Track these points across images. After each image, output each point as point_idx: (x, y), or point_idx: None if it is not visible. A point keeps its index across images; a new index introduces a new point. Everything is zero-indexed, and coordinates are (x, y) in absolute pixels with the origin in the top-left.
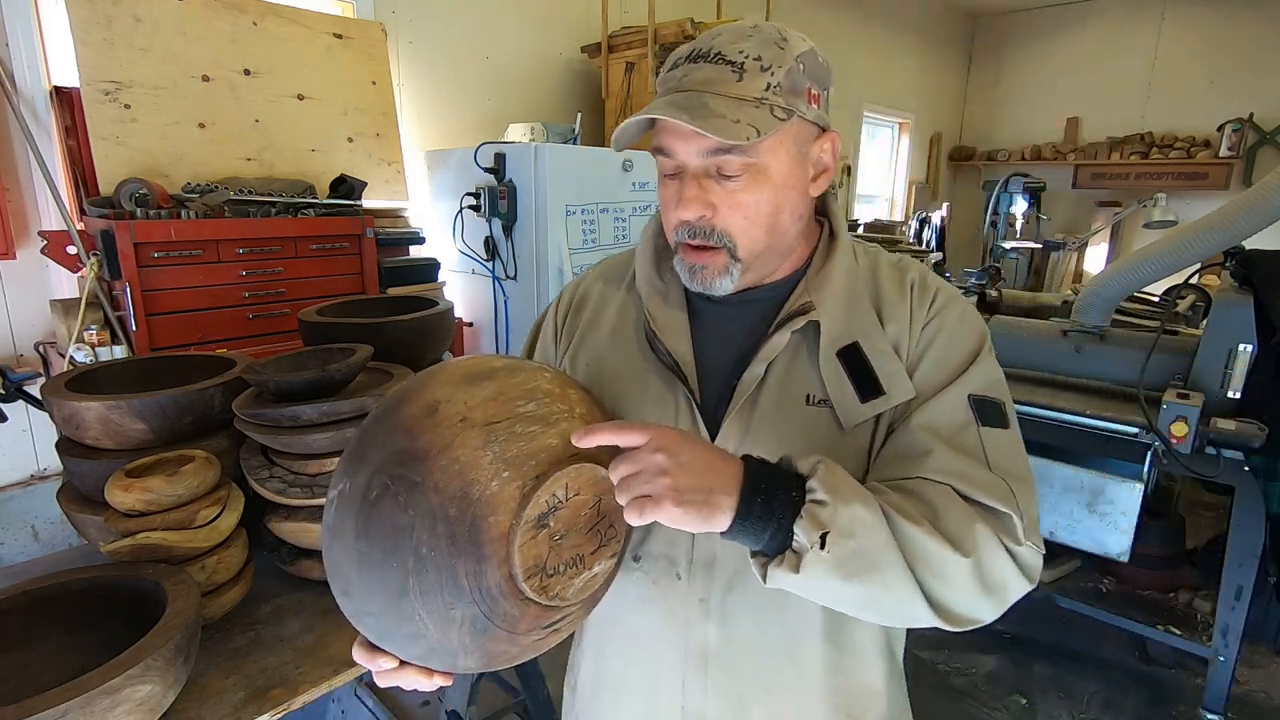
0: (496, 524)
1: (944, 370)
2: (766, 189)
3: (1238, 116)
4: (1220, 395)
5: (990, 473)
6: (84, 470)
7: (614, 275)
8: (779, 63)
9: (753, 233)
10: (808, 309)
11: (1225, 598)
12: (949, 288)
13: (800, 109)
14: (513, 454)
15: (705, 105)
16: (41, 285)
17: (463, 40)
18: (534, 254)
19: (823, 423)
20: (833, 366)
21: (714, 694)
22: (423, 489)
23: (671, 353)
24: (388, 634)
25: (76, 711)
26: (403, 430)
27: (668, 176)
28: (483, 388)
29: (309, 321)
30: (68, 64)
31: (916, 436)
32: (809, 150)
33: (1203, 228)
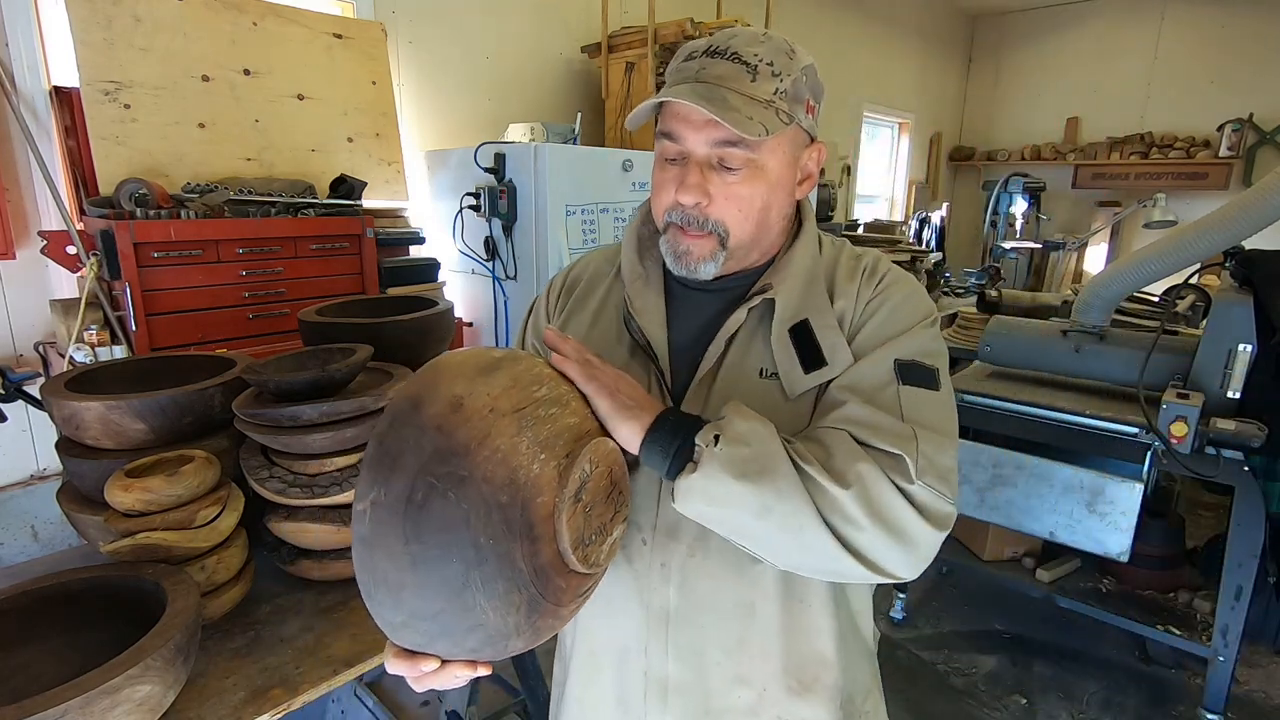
0: (544, 504)
1: (877, 339)
2: (761, 185)
3: (1238, 116)
4: (1220, 395)
5: (897, 421)
6: (84, 470)
7: (605, 261)
8: (787, 71)
9: (744, 225)
10: (765, 289)
11: (1225, 598)
12: (900, 272)
13: (799, 116)
14: (544, 436)
15: (724, 99)
16: (41, 285)
17: (463, 40)
18: (534, 254)
19: (771, 393)
20: (784, 342)
21: (674, 656)
22: (472, 481)
23: (645, 333)
24: (445, 631)
25: (76, 711)
26: (433, 430)
27: (668, 161)
28: (498, 378)
29: (309, 321)
30: (68, 64)
31: (833, 394)
32: (800, 156)
33: (1203, 228)
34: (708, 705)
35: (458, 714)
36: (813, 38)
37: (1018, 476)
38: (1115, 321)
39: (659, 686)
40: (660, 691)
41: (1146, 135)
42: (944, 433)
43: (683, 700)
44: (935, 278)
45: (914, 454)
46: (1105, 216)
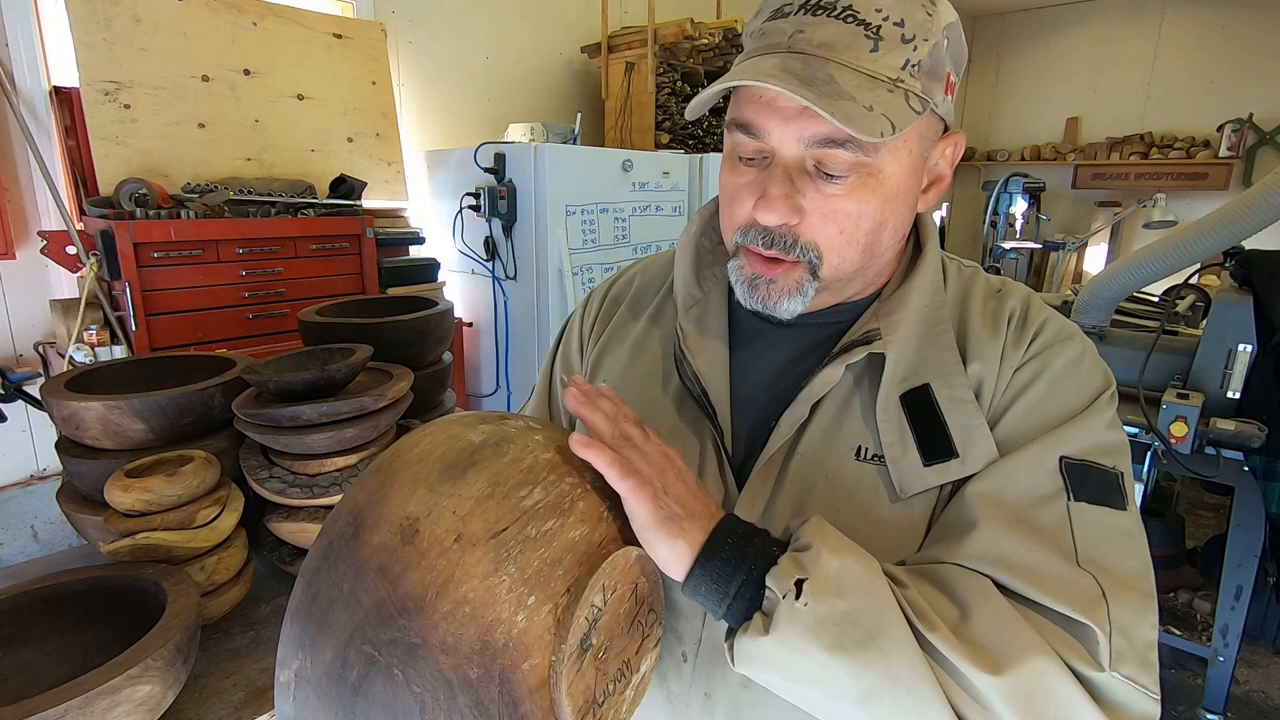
0: (533, 670)
1: (1034, 426)
2: (874, 199)
3: (1237, 117)
4: (1220, 395)
5: (1071, 565)
6: (83, 470)
7: (651, 277)
8: (924, 34)
9: (845, 251)
10: (872, 338)
11: (1225, 598)
12: (1062, 322)
13: (936, 100)
14: (534, 568)
15: (832, 79)
16: (41, 285)
17: (462, 40)
18: (534, 254)
19: (871, 485)
20: (894, 414)
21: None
22: (426, 651)
23: (701, 379)
24: None
25: (76, 711)
26: (375, 573)
27: (744, 160)
28: (470, 482)
29: (309, 321)
30: (68, 64)
31: (967, 506)
32: (930, 154)
33: (1203, 228)
34: None
35: None
36: None
37: None
38: (1115, 321)
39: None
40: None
41: (1146, 135)
42: (1142, 589)
43: None
44: None
45: (1105, 625)
46: (1105, 216)
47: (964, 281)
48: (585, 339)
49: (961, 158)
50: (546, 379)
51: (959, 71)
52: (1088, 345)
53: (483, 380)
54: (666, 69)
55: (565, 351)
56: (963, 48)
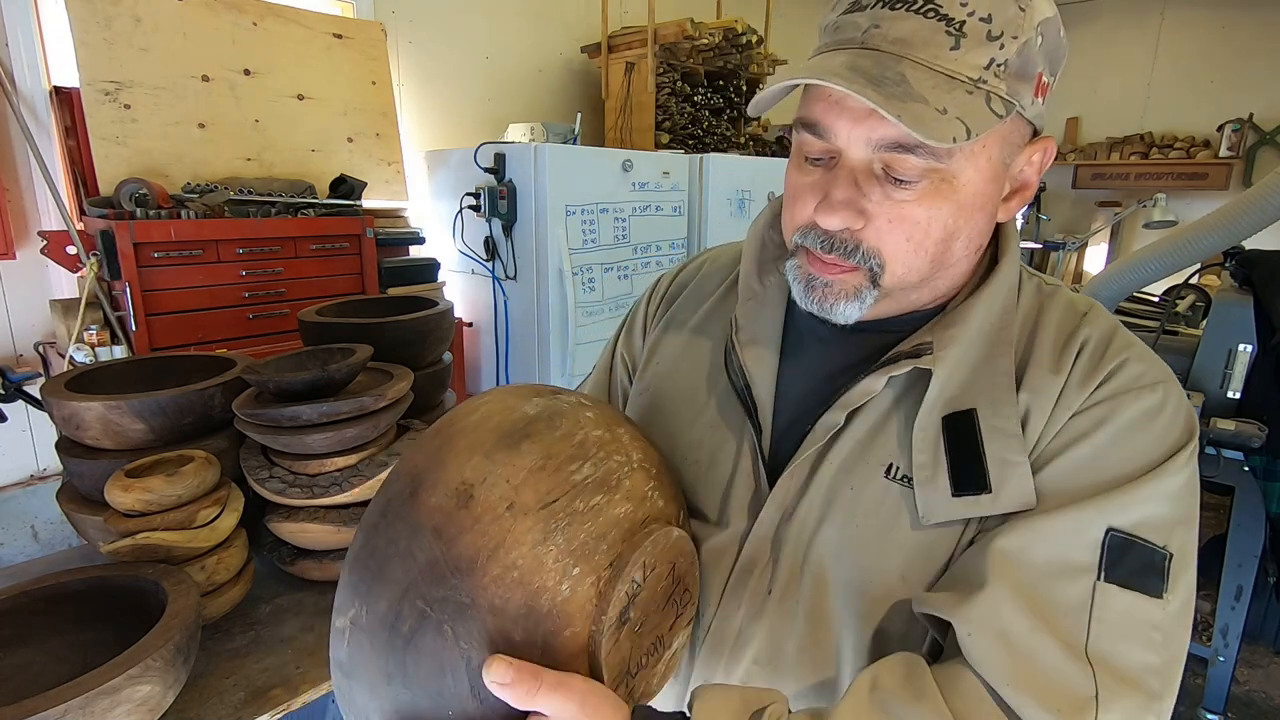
0: (573, 637)
1: (1083, 482)
2: (946, 206)
3: (1238, 116)
4: (1220, 395)
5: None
6: (84, 470)
7: (719, 266)
8: (1013, 31)
9: (911, 260)
10: (922, 351)
11: (1225, 598)
12: (1147, 362)
13: (1024, 103)
14: (580, 540)
15: (904, 79)
16: (41, 285)
17: (463, 40)
18: (534, 254)
19: (896, 506)
20: (932, 436)
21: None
22: (475, 611)
23: (746, 374)
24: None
25: (76, 711)
26: (430, 531)
27: (810, 160)
28: (524, 454)
29: (309, 321)
30: (68, 64)
31: (985, 559)
32: (1014, 160)
33: (1203, 228)
34: None
35: None
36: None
37: None
38: None
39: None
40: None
41: (1146, 135)
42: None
43: None
44: None
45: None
46: (1105, 216)
47: (1040, 299)
48: (648, 322)
49: None
50: (608, 359)
51: (1054, 71)
52: (1173, 392)
53: (483, 380)
54: (666, 69)
55: (629, 334)
56: (1061, 45)
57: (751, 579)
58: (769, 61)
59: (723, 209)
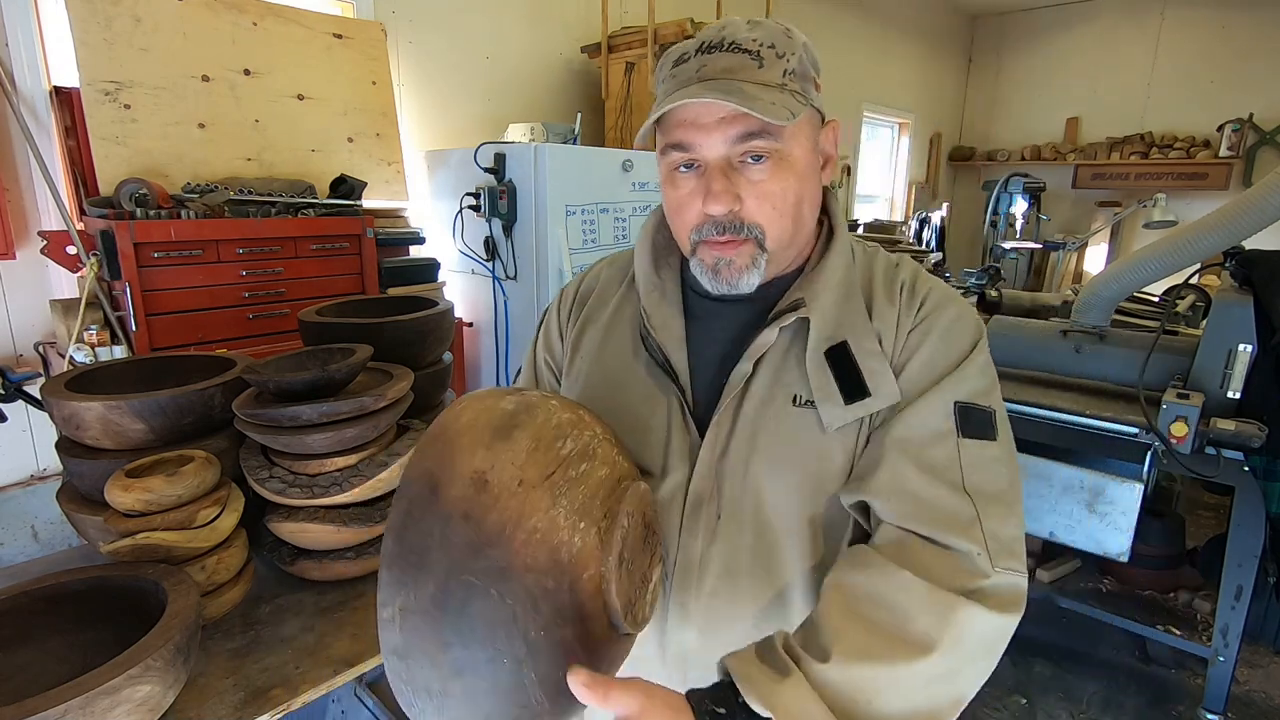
0: (591, 579)
1: (928, 376)
2: (791, 177)
3: (1238, 116)
4: (1220, 395)
5: (956, 493)
6: (84, 470)
7: (617, 269)
8: (790, 50)
9: (781, 223)
10: (798, 305)
11: (1225, 598)
12: (942, 289)
13: (811, 96)
14: (580, 500)
15: (740, 89)
16: (41, 285)
17: (463, 40)
18: (534, 254)
19: (806, 424)
20: (820, 366)
21: None
22: (514, 572)
23: (664, 350)
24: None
25: (76, 711)
26: (460, 518)
27: (679, 172)
28: (519, 441)
29: (309, 321)
30: (68, 64)
31: (879, 447)
32: (817, 138)
33: (1203, 228)
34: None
35: None
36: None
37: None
38: (1115, 321)
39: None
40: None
41: (1146, 135)
42: (1008, 500)
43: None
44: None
45: (980, 540)
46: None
47: (868, 258)
48: (563, 326)
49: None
50: (531, 366)
51: (819, 75)
52: (964, 306)
53: (482, 380)
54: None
55: (546, 340)
56: (816, 59)
57: (702, 511)
58: None
59: None
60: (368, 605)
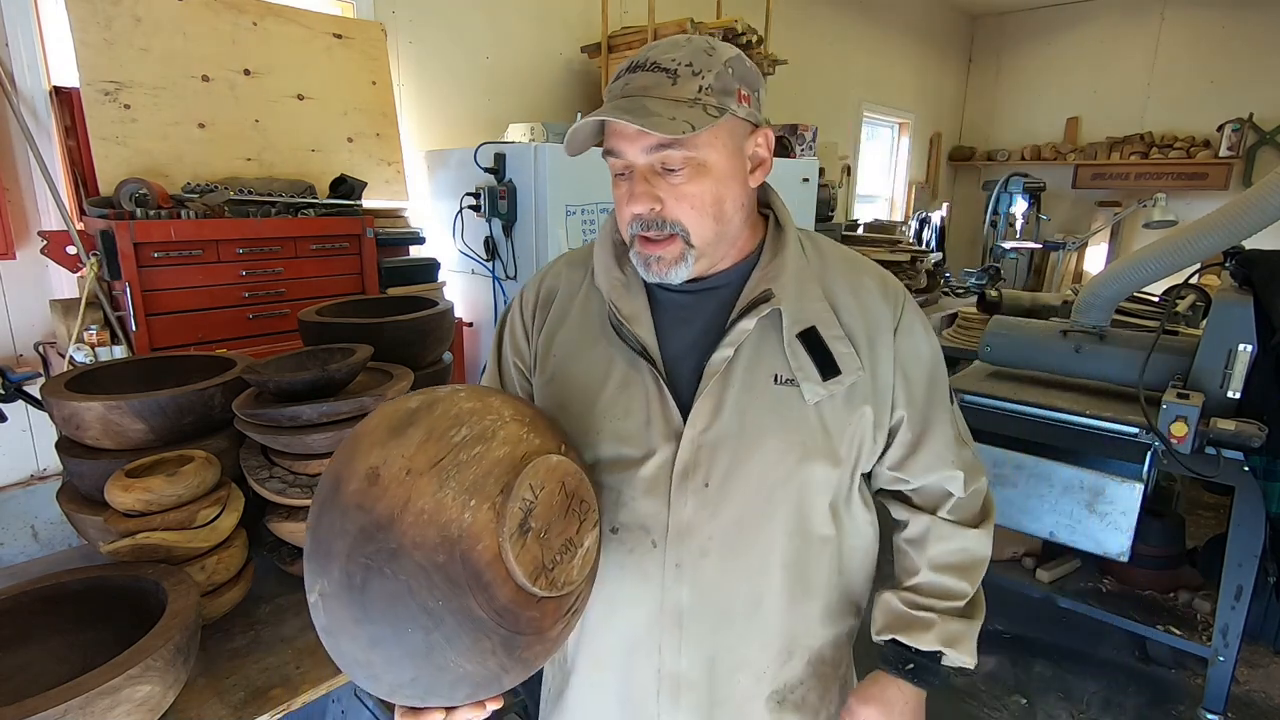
0: (485, 549)
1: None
2: (708, 180)
3: (1237, 116)
4: (1220, 395)
5: (969, 449)
6: (84, 470)
7: (575, 270)
8: (708, 67)
9: (702, 221)
10: (768, 297)
11: (1225, 598)
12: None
13: (731, 107)
14: (470, 480)
15: (644, 106)
16: (41, 285)
17: (463, 40)
18: (534, 254)
19: (790, 399)
20: (796, 349)
21: (687, 652)
22: (403, 551)
23: (639, 339)
24: (431, 690)
25: (76, 711)
26: (354, 509)
27: (618, 176)
28: (411, 435)
29: (309, 321)
30: (68, 64)
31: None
32: (744, 145)
33: (1203, 228)
34: (713, 697)
35: None
36: (812, 38)
37: (1018, 476)
38: (1115, 321)
39: (672, 684)
40: (673, 689)
41: (1146, 135)
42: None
43: (693, 695)
44: (935, 278)
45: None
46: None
47: (811, 244)
48: (529, 327)
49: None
50: (496, 367)
51: (752, 88)
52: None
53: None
54: None
55: (513, 341)
56: (749, 72)
57: (689, 481)
58: (769, 61)
59: None
60: None
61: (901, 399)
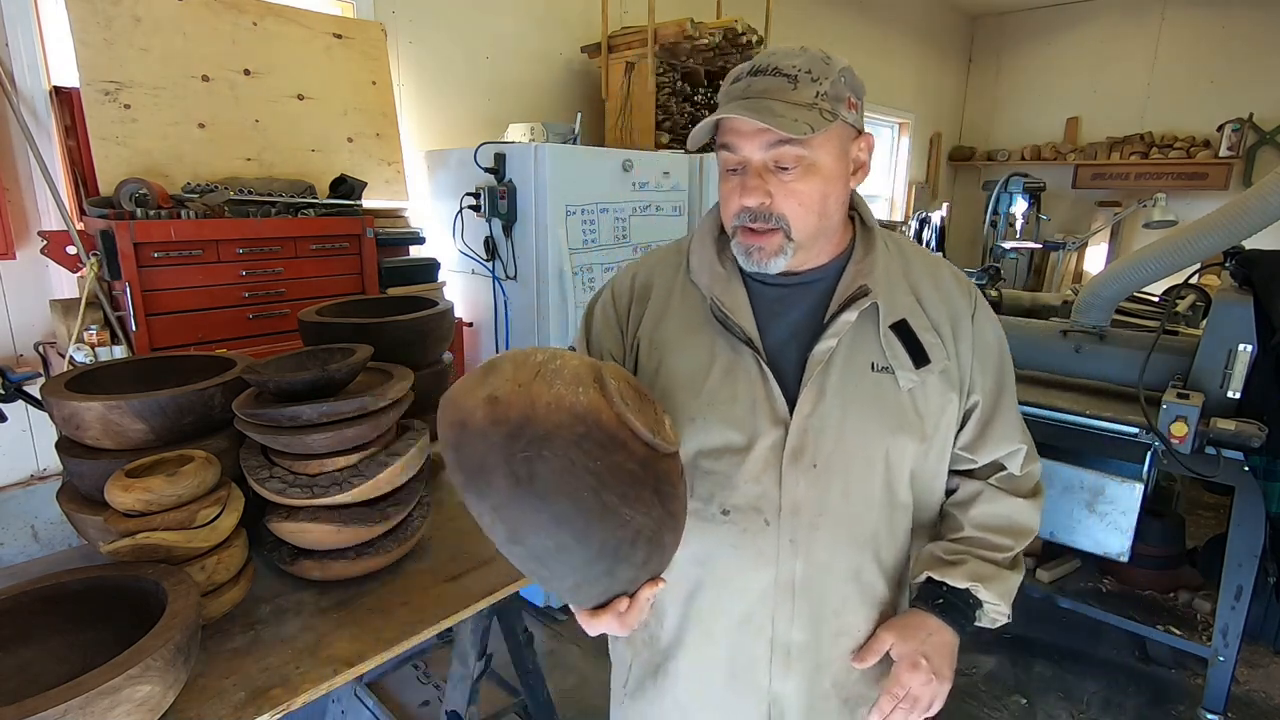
0: (609, 418)
1: (999, 351)
2: (817, 179)
3: (1237, 116)
4: (1220, 395)
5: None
6: (84, 470)
7: (669, 265)
8: (825, 75)
9: (806, 218)
10: (865, 291)
11: (1225, 598)
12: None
13: (842, 113)
14: (568, 377)
15: (769, 108)
16: (41, 285)
17: (463, 40)
18: (534, 254)
19: (886, 385)
20: (890, 339)
21: (799, 622)
22: (551, 434)
23: (743, 329)
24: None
25: (76, 711)
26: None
27: (729, 171)
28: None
29: (309, 321)
30: (68, 64)
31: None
32: (849, 149)
33: (1203, 228)
34: (819, 660)
35: (458, 714)
36: (812, 38)
37: None
38: (1115, 321)
39: (784, 652)
40: (785, 656)
41: (1146, 135)
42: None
43: (802, 661)
44: None
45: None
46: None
47: (899, 251)
48: (624, 319)
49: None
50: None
51: (859, 95)
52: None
53: None
54: (666, 69)
55: (604, 322)
56: (857, 82)
57: (799, 462)
58: None
59: None
60: (368, 605)
61: (978, 384)
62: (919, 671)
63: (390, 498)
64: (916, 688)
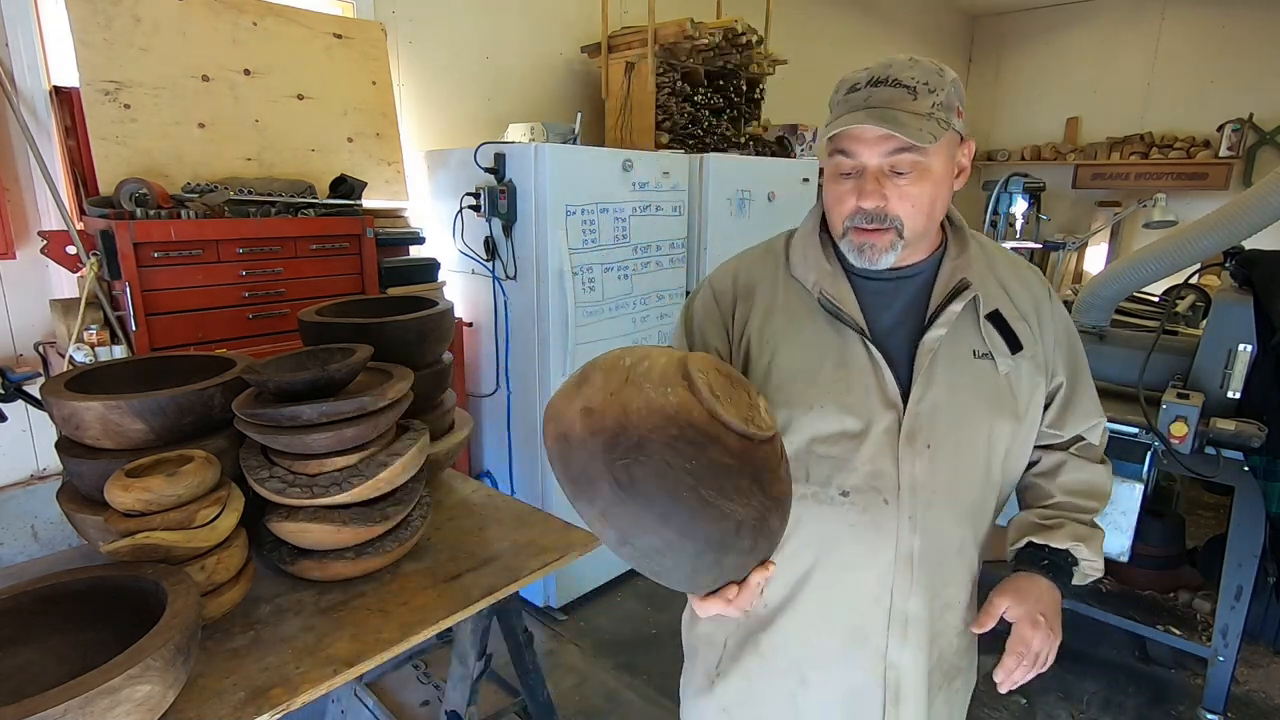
0: (700, 415)
1: (1074, 345)
2: (928, 183)
3: (1238, 116)
4: (1220, 395)
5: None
6: (84, 470)
7: (765, 265)
8: (940, 86)
9: (918, 218)
10: (967, 284)
11: (1225, 598)
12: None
13: (954, 122)
14: (656, 379)
15: (895, 117)
16: (41, 285)
17: (463, 40)
18: (534, 254)
19: (987, 370)
20: (989, 329)
21: (916, 592)
22: (646, 439)
23: (855, 320)
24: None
25: (76, 711)
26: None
27: (843, 175)
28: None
29: (309, 321)
30: (68, 64)
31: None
32: (955, 154)
33: (1203, 228)
34: (931, 630)
35: (457, 714)
36: (812, 38)
37: None
38: (1115, 321)
39: (901, 622)
40: (902, 626)
41: (1146, 135)
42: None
43: (917, 631)
44: None
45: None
46: (1105, 216)
47: (982, 247)
48: (728, 317)
49: None
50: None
51: (964, 105)
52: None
53: (483, 380)
54: (666, 69)
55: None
56: (962, 91)
57: (914, 444)
58: (769, 61)
59: (723, 209)
60: (368, 605)
61: (1060, 365)
62: (1039, 629)
63: (390, 498)
64: (1038, 643)
